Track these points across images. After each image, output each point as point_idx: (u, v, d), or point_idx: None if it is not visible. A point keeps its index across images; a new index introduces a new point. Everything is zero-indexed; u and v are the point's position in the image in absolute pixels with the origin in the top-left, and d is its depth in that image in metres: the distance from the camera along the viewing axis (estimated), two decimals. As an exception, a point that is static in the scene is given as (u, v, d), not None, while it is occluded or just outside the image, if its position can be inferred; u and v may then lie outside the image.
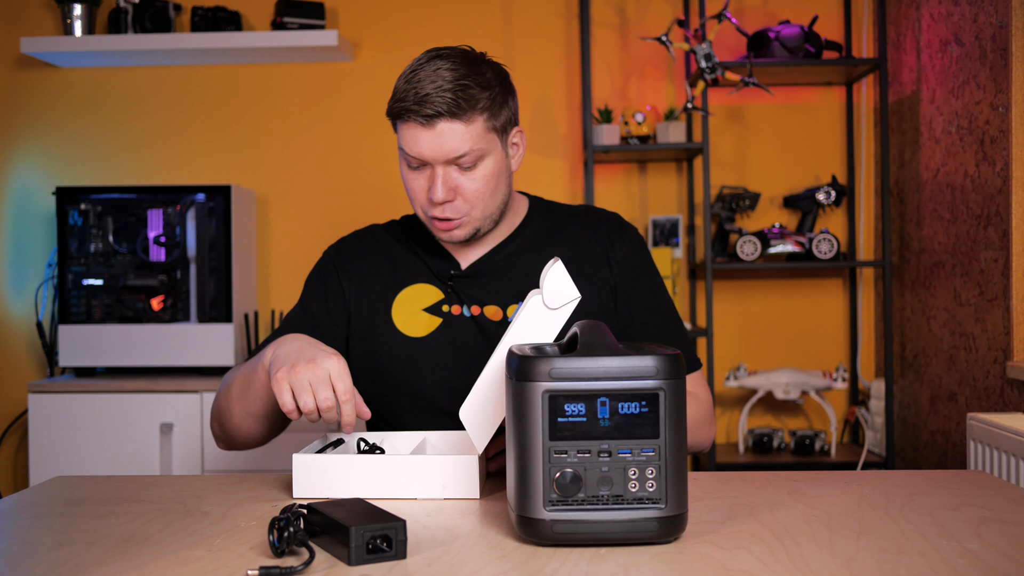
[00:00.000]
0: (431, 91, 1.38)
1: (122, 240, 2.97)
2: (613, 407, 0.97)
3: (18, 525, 1.13)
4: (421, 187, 1.45)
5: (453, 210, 1.45)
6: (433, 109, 1.38)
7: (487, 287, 1.53)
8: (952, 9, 2.67)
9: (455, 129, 1.40)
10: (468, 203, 1.45)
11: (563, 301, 1.17)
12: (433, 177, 1.43)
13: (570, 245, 1.57)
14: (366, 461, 1.21)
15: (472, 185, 1.44)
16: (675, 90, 3.24)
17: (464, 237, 1.49)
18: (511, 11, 3.25)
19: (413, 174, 1.46)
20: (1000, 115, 2.39)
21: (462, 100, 1.39)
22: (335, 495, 1.21)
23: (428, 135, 1.40)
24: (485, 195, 1.45)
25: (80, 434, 2.81)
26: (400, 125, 1.44)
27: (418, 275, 1.57)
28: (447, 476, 1.20)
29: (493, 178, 1.46)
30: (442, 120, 1.39)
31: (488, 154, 1.44)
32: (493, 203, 1.48)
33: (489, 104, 1.42)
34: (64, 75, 3.31)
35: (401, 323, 1.54)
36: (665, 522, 0.98)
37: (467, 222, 1.47)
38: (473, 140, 1.41)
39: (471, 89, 1.40)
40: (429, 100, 1.38)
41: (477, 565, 0.94)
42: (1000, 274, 2.40)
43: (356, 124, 3.28)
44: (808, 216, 3.10)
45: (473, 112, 1.40)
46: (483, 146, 1.43)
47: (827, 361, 3.24)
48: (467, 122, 1.40)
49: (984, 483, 1.27)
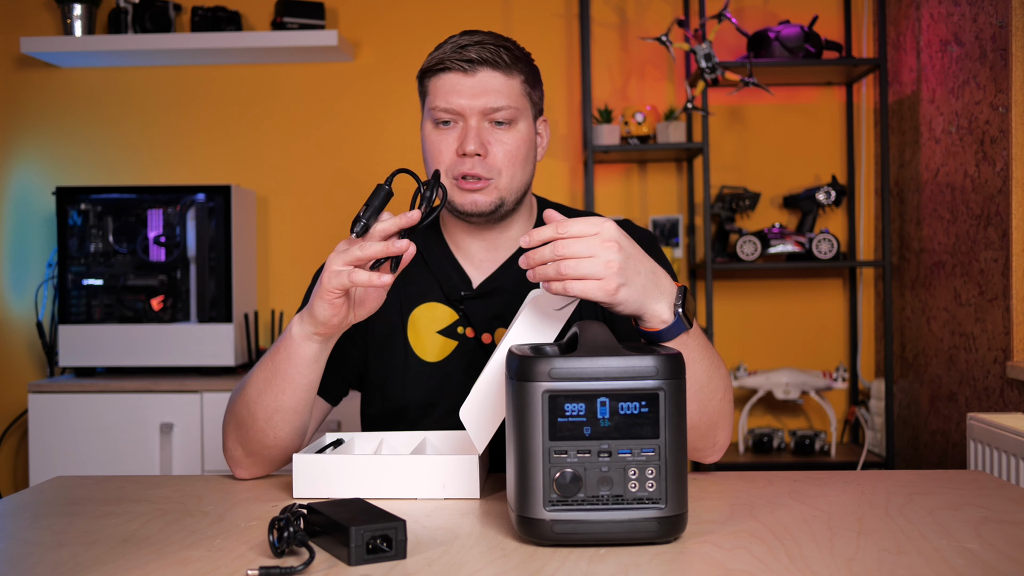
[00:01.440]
0: (472, 44, 1.40)
1: (122, 240, 2.97)
2: (613, 407, 0.97)
3: (18, 525, 1.13)
4: (449, 145, 1.41)
5: (483, 167, 1.39)
6: (477, 55, 1.38)
7: (499, 308, 1.49)
8: (952, 9, 2.67)
9: (496, 80, 1.39)
10: (498, 164, 1.40)
11: (564, 302, 1.17)
12: (466, 129, 1.39)
13: None
14: (366, 461, 1.21)
15: (504, 146, 1.40)
16: (675, 90, 3.24)
17: (488, 206, 1.42)
18: (511, 11, 3.25)
19: (441, 133, 1.42)
20: (1000, 115, 2.39)
21: (504, 54, 1.40)
22: (335, 495, 1.21)
23: (469, 82, 1.39)
24: (516, 160, 1.42)
25: (80, 434, 2.81)
26: (434, 80, 1.42)
27: (430, 292, 1.50)
28: (447, 476, 1.20)
29: (525, 144, 1.43)
30: (484, 68, 1.39)
31: (522, 118, 1.43)
32: (521, 175, 1.44)
33: (527, 71, 1.43)
34: (64, 75, 3.31)
35: (416, 346, 1.49)
36: (665, 522, 0.98)
37: (493, 187, 1.41)
38: (512, 95, 1.40)
39: (512, 51, 1.42)
40: (471, 51, 1.39)
41: (477, 565, 0.94)
42: (1000, 274, 2.40)
43: (356, 124, 3.28)
44: (808, 216, 3.10)
45: (513, 68, 1.41)
46: (520, 106, 1.41)
47: (827, 361, 3.24)
48: (508, 75, 1.40)
49: (984, 483, 1.27)
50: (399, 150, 3.24)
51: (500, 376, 1.19)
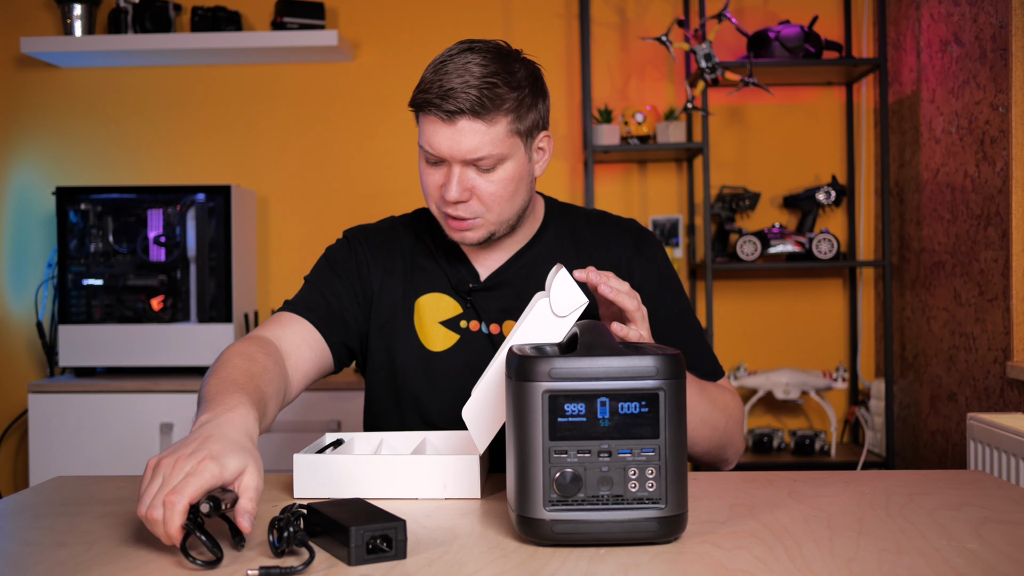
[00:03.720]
0: (456, 85, 1.32)
1: (122, 240, 2.97)
2: (613, 407, 0.97)
3: (18, 525, 1.13)
4: (436, 183, 1.40)
5: (467, 210, 1.39)
6: (455, 106, 1.32)
7: (506, 301, 1.50)
8: (952, 9, 2.67)
9: (476, 129, 1.34)
10: (483, 205, 1.39)
11: (571, 308, 1.16)
12: (449, 175, 1.37)
13: (588, 253, 1.53)
14: (367, 461, 1.21)
15: (489, 188, 1.38)
16: (675, 90, 3.24)
17: (477, 240, 1.43)
18: (511, 11, 3.25)
19: (430, 169, 1.41)
20: (1000, 115, 2.39)
21: (487, 99, 1.33)
22: (336, 495, 1.21)
23: (447, 131, 1.34)
24: (502, 199, 1.40)
25: (80, 434, 2.81)
26: (421, 117, 1.38)
27: (436, 283, 1.52)
28: (448, 476, 1.20)
29: (512, 182, 1.40)
30: (463, 118, 1.33)
31: (509, 158, 1.38)
32: (510, 208, 1.42)
33: (516, 106, 1.36)
34: (64, 75, 3.31)
35: (421, 333, 1.50)
36: (665, 522, 0.98)
37: (481, 224, 1.42)
38: (493, 143, 1.35)
39: (498, 88, 1.34)
40: (453, 95, 1.32)
41: (477, 565, 0.94)
42: (1000, 274, 2.40)
43: (356, 124, 3.28)
44: (808, 216, 3.10)
45: (497, 113, 1.34)
46: (503, 150, 1.36)
47: (827, 361, 3.24)
48: (489, 123, 1.34)
49: (984, 483, 1.27)
50: (399, 150, 3.24)
51: (502, 377, 1.19)
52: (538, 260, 1.52)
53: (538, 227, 1.55)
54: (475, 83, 1.33)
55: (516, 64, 1.38)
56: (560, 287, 1.16)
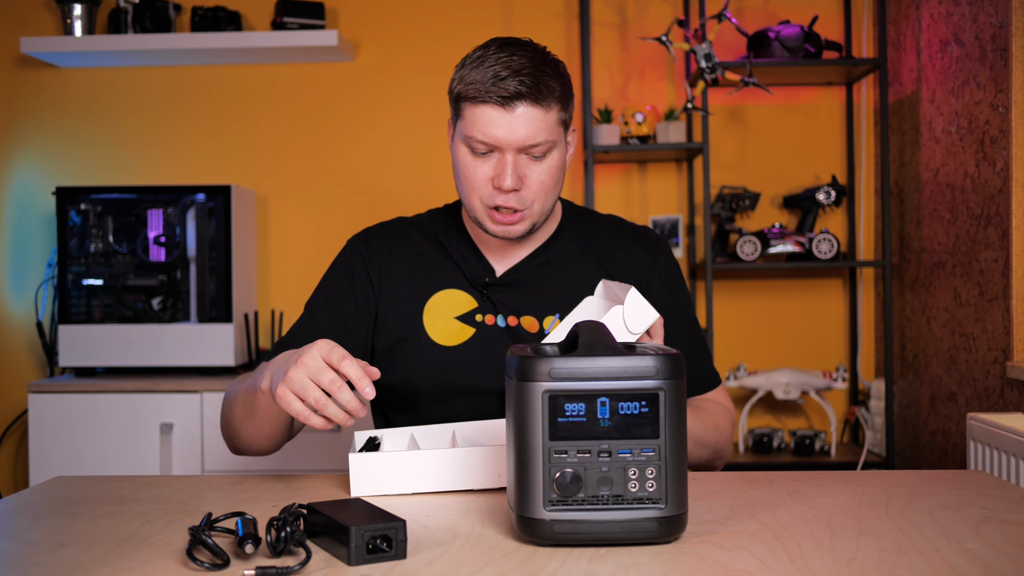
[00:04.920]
0: (510, 74, 1.34)
1: (122, 240, 2.97)
2: (613, 407, 0.97)
3: (18, 525, 1.13)
4: (485, 175, 1.40)
5: (518, 200, 1.40)
6: (515, 90, 1.34)
7: (523, 297, 1.50)
8: (952, 9, 2.67)
9: (534, 115, 1.35)
10: (532, 195, 1.40)
11: (645, 325, 1.20)
12: (502, 164, 1.37)
13: (607, 258, 1.55)
14: (423, 456, 1.22)
15: (539, 176, 1.39)
16: (675, 90, 3.24)
17: (521, 233, 1.44)
18: (511, 11, 3.25)
19: (476, 161, 1.40)
20: (1000, 115, 2.39)
21: (543, 86, 1.35)
22: (393, 491, 1.22)
23: (505, 118, 1.35)
24: (549, 188, 1.41)
25: (80, 434, 2.81)
26: (470, 108, 1.38)
27: (450, 280, 1.52)
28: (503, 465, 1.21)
29: (558, 171, 1.42)
30: (522, 104, 1.35)
31: (556, 146, 1.41)
32: (552, 198, 1.44)
33: (562, 95, 1.39)
34: (64, 75, 3.31)
35: (432, 330, 1.50)
36: (665, 522, 0.98)
37: (527, 216, 1.42)
38: (548, 129, 1.37)
39: (549, 77, 1.36)
40: (509, 83, 1.34)
41: (477, 565, 0.94)
42: (1000, 274, 2.40)
43: (356, 124, 3.28)
44: (808, 216, 3.10)
45: (551, 99, 1.37)
46: (554, 137, 1.39)
47: (827, 361, 3.24)
48: (546, 109, 1.36)
49: (984, 483, 1.27)
50: (399, 150, 3.24)
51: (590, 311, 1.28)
52: (554, 259, 1.54)
53: (555, 227, 1.57)
54: (530, 70, 1.35)
55: (552, 59, 1.42)
56: (633, 305, 1.20)
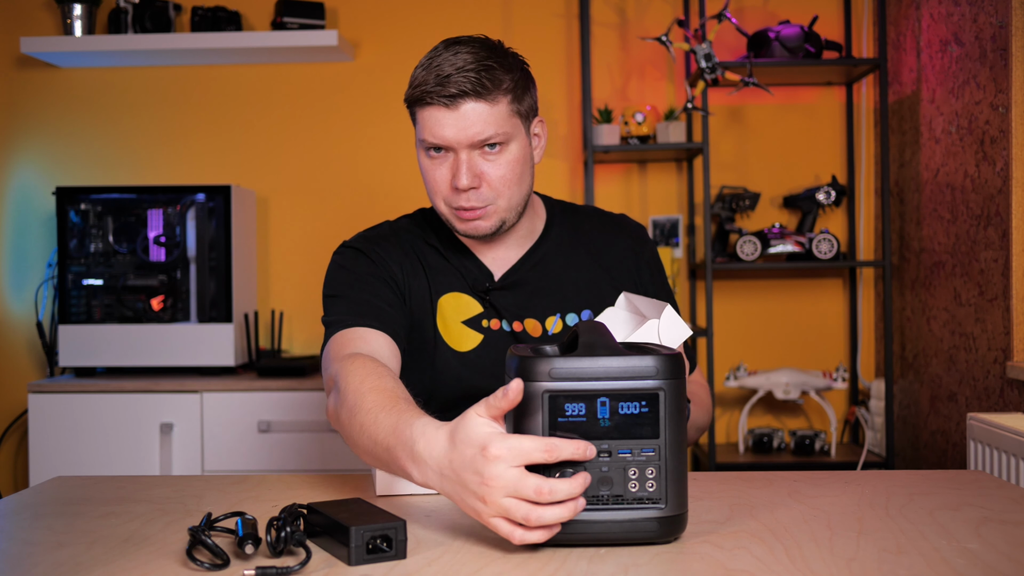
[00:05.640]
0: (452, 72, 1.33)
1: (122, 240, 2.97)
2: (613, 407, 0.97)
3: (18, 525, 1.13)
4: (443, 176, 1.39)
5: (478, 198, 1.39)
6: (457, 88, 1.33)
7: (523, 300, 1.50)
8: (952, 9, 2.67)
9: (480, 110, 1.35)
10: (493, 190, 1.39)
11: (680, 341, 1.22)
12: (457, 163, 1.37)
13: (595, 251, 1.56)
14: None
15: (497, 171, 1.39)
16: (675, 90, 3.24)
17: (489, 230, 1.43)
18: (511, 11, 3.25)
19: (434, 163, 1.40)
20: (1000, 115, 2.39)
21: (486, 80, 1.34)
22: (417, 491, 1.22)
23: (452, 117, 1.35)
24: (511, 182, 1.40)
25: (80, 434, 2.81)
26: (420, 111, 1.38)
27: (453, 283, 1.50)
28: None
29: (519, 164, 1.41)
30: (467, 100, 1.34)
31: (513, 139, 1.39)
32: (519, 192, 1.43)
33: (512, 86, 1.38)
34: (64, 75, 3.31)
35: (446, 334, 1.49)
36: (665, 522, 0.98)
37: (492, 212, 1.41)
38: (498, 122, 1.36)
39: (495, 70, 1.35)
40: (452, 81, 1.33)
41: (477, 565, 0.94)
42: (1000, 274, 2.40)
43: (356, 124, 3.28)
44: (808, 216, 3.10)
45: (498, 92, 1.36)
46: (508, 129, 1.38)
47: (827, 361, 3.24)
48: (492, 103, 1.35)
49: (984, 483, 1.27)
50: (399, 150, 3.24)
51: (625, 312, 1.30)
52: (548, 257, 1.54)
53: (542, 225, 1.56)
54: (472, 66, 1.35)
55: (503, 51, 1.41)
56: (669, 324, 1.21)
